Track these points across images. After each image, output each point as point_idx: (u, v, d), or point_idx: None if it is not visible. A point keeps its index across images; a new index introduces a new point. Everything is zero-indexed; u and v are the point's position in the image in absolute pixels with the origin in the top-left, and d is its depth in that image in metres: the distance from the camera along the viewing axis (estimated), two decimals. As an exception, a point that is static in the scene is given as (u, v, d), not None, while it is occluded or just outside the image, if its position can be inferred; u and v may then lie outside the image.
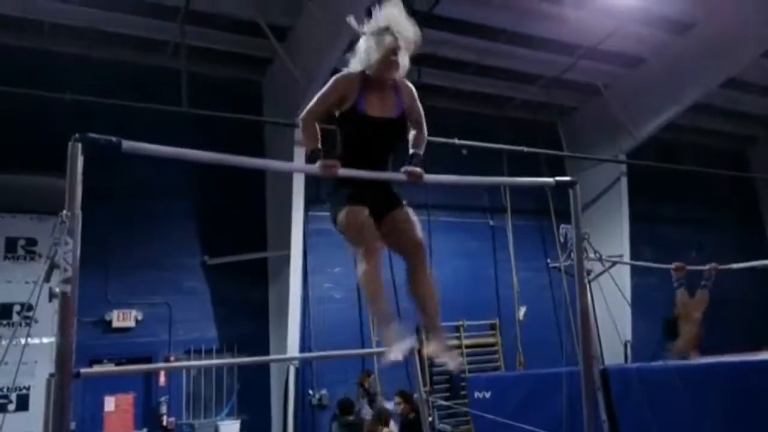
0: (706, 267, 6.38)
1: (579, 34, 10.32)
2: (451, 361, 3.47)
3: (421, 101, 3.60)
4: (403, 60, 3.36)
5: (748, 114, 13.93)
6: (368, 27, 3.36)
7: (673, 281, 6.13)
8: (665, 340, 6.65)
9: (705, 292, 6.38)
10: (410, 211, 3.54)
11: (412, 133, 3.59)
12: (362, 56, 3.38)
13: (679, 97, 11.27)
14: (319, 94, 3.41)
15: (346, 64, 3.52)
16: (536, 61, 11.17)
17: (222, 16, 9.28)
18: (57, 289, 2.58)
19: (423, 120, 3.59)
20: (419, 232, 3.49)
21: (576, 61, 11.09)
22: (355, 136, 3.41)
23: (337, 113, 3.42)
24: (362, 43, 3.38)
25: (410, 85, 3.56)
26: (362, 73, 3.39)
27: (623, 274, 10.69)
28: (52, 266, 2.59)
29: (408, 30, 3.33)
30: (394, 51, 3.31)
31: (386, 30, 3.29)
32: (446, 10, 9.35)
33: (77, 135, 2.73)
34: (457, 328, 10.97)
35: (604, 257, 4.07)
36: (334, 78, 3.40)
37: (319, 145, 3.37)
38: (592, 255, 4.00)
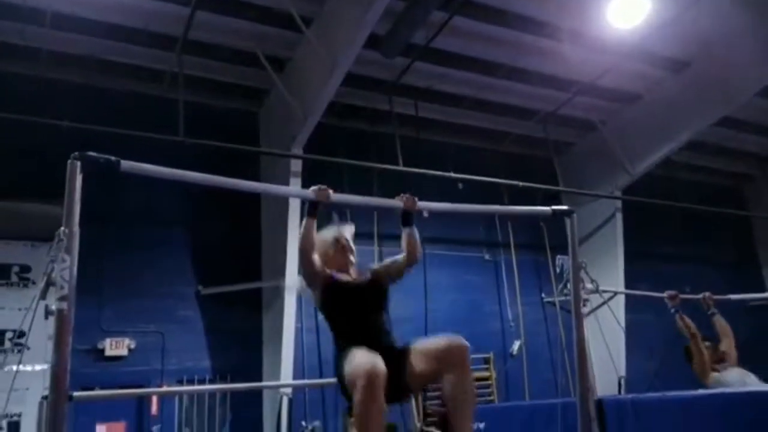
0: (700, 296, 6.40)
1: (575, 70, 10.43)
2: None
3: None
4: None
5: (744, 152, 14.03)
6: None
7: (669, 308, 6.16)
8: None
9: (720, 319, 6.41)
10: (417, 344, 3.53)
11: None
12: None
13: (674, 134, 11.37)
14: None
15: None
16: (532, 97, 11.27)
17: (220, 46, 9.34)
18: (53, 307, 2.56)
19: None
20: (443, 341, 3.46)
21: (572, 96, 11.19)
22: (341, 306, 3.69)
23: (320, 296, 3.75)
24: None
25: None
26: None
27: (618, 311, 10.65)
28: (49, 283, 2.57)
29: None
30: (344, 248, 3.86)
31: (336, 239, 3.88)
32: (443, 43, 9.45)
33: (77, 153, 2.74)
34: (451, 362, 10.81)
35: (600, 288, 4.04)
36: None
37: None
38: (589, 285, 3.99)
